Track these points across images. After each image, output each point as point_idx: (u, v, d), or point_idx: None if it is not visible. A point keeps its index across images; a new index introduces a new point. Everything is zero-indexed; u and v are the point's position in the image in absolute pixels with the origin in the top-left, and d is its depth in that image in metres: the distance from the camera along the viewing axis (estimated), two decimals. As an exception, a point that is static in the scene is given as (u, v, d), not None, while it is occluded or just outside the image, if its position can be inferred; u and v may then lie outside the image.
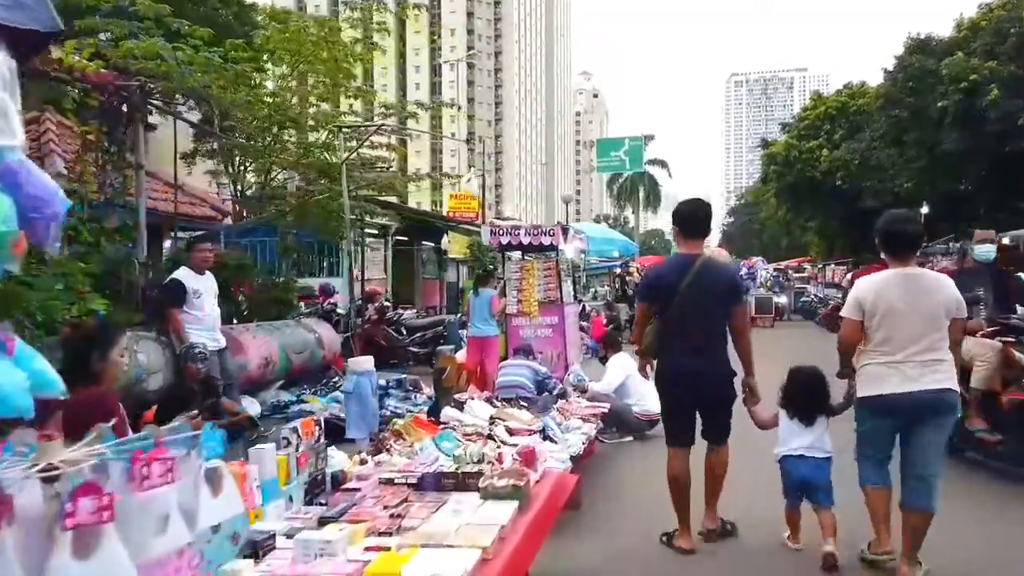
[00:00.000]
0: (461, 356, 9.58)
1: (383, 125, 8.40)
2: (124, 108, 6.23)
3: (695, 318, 3.80)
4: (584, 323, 14.83)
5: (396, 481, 2.81)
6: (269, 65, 8.41)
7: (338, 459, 3.10)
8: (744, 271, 20.58)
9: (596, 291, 18.90)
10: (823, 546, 3.55)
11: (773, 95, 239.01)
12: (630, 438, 6.66)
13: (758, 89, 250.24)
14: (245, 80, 7.26)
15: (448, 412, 5.45)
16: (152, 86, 6.47)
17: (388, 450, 3.58)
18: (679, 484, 3.86)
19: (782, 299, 22.35)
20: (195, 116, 8.94)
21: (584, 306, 16.68)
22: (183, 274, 5.72)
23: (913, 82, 24.11)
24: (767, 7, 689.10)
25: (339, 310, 11.46)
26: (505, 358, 9.37)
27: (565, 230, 9.58)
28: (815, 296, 23.39)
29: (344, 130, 8.49)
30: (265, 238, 11.01)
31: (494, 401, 6.17)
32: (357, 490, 2.77)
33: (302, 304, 11.94)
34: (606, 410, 6.13)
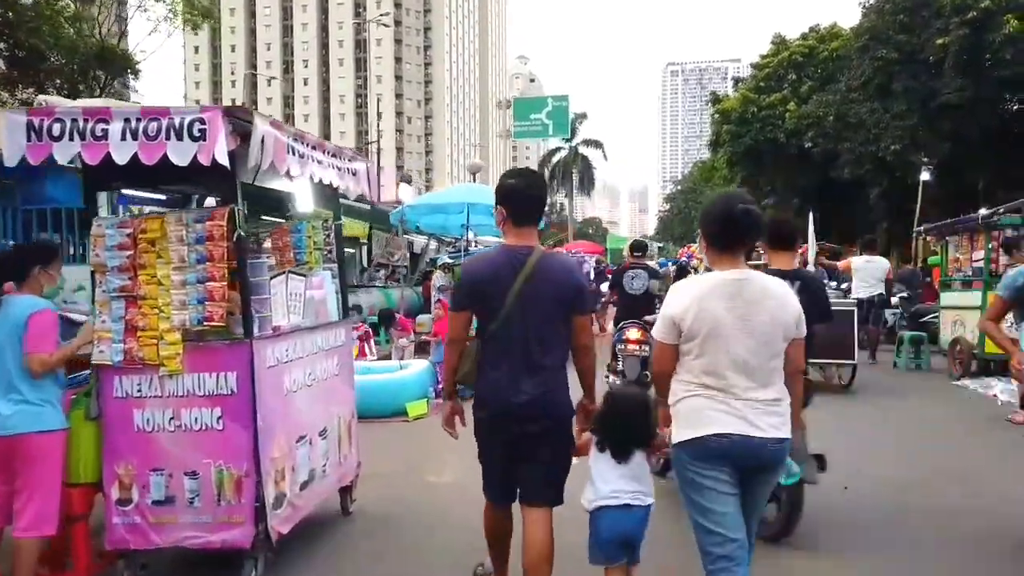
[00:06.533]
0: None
1: None
2: None
3: (528, 332, 2.86)
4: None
5: None
6: None
7: None
8: (683, 260, 16.28)
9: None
10: None
11: (708, 84, 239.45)
12: None
13: (693, 79, 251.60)
14: None
15: None
16: None
17: None
18: (499, 536, 3.14)
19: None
20: None
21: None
22: None
23: (904, 15, 18.83)
24: None
25: None
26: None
27: (241, 116, 3.31)
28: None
29: None
30: None
31: None
32: None
33: None
34: None
